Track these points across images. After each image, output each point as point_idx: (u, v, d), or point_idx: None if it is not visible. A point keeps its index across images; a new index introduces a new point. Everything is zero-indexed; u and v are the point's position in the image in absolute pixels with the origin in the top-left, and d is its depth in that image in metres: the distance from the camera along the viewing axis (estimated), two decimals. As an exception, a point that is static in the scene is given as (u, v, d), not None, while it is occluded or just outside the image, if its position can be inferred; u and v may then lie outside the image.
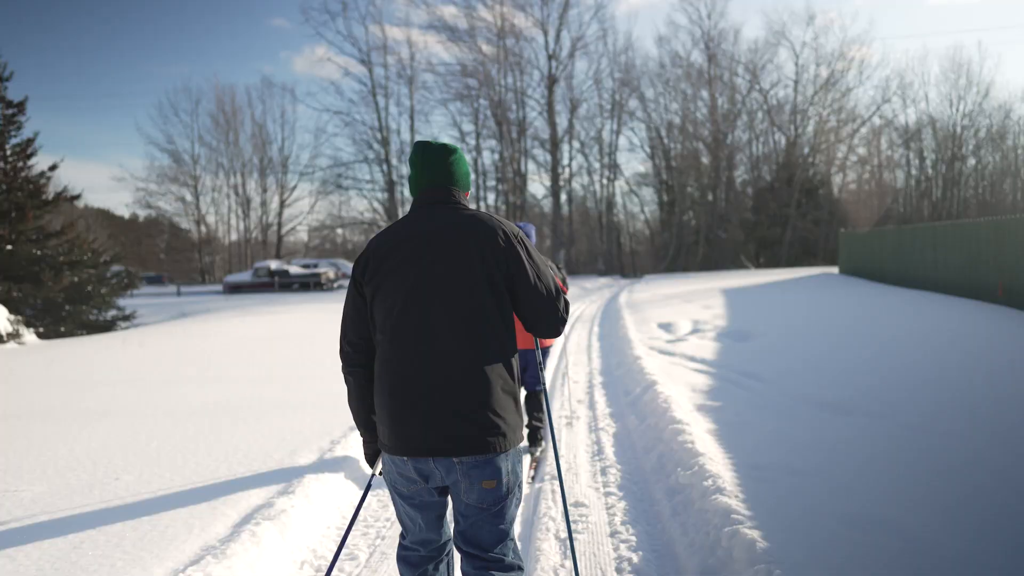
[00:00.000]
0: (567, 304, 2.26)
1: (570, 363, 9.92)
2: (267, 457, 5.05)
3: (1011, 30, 63.57)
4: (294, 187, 52.23)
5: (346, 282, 38.09)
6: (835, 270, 24.43)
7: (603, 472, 4.91)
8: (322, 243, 56.96)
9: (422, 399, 2.02)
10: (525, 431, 4.26)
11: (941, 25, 66.75)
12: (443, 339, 2.04)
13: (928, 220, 44.17)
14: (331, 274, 34.39)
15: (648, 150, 48.37)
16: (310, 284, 33.27)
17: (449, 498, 2.22)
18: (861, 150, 48.74)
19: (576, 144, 47.20)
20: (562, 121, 45.33)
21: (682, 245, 45.09)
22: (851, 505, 3.78)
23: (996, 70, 62.55)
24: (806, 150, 45.14)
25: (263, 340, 13.18)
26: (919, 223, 28.40)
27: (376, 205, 50.19)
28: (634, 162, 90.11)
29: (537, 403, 5.36)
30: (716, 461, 4.49)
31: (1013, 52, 63.12)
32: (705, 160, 46.00)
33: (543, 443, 5.42)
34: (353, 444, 5.31)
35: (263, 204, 52.06)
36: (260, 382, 8.37)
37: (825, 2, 64.17)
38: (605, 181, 49.25)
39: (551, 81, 43.57)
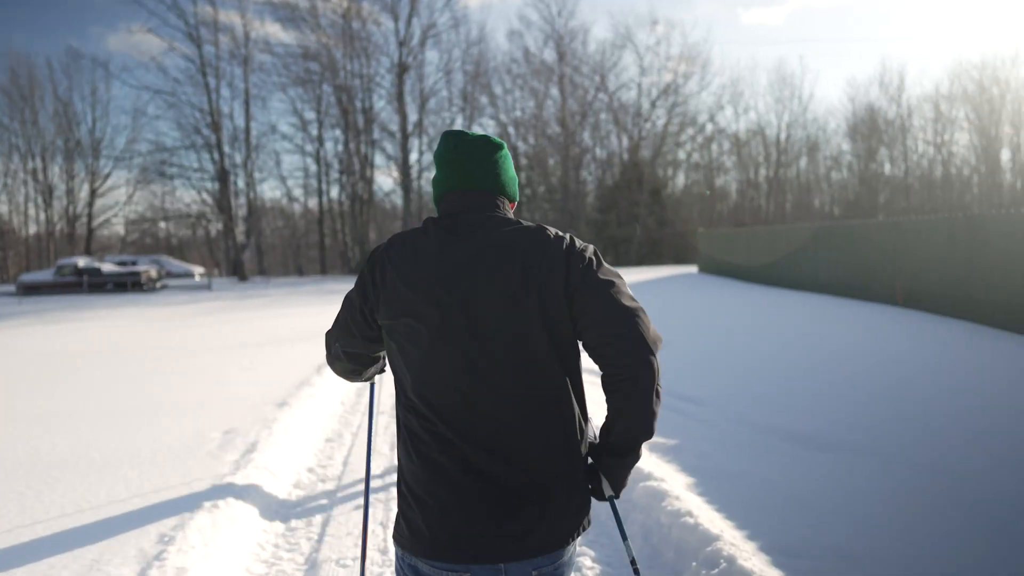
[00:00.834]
0: (656, 336, 1.52)
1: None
2: (50, 579, 3.15)
3: (812, 43, 69.72)
4: (108, 174, 46.14)
5: (172, 281, 34.04)
6: (693, 269, 24.68)
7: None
8: (142, 238, 51.10)
9: (485, 485, 1.47)
10: None
11: (752, 40, 71.64)
12: (498, 401, 1.49)
13: (754, 223, 46.99)
14: (153, 273, 30.31)
15: (498, 147, 47.60)
16: (127, 284, 29.10)
17: None
18: (696, 155, 51.20)
19: (426, 138, 45.56)
20: (412, 113, 43.48)
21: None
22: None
23: (815, 84, 68.38)
24: (648, 152, 46.53)
25: (63, 357, 10.51)
26: (801, 222, 29.61)
27: (206, 196, 45.64)
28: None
29: None
30: (740, 547, 3.22)
31: (828, 68, 69.23)
32: (553, 160, 46.08)
33: None
34: (196, 536, 3.51)
35: (69, 193, 45.58)
36: (53, 421, 6.15)
37: (668, 9, 66.73)
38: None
39: (402, 69, 41.45)
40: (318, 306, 19.29)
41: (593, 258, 1.56)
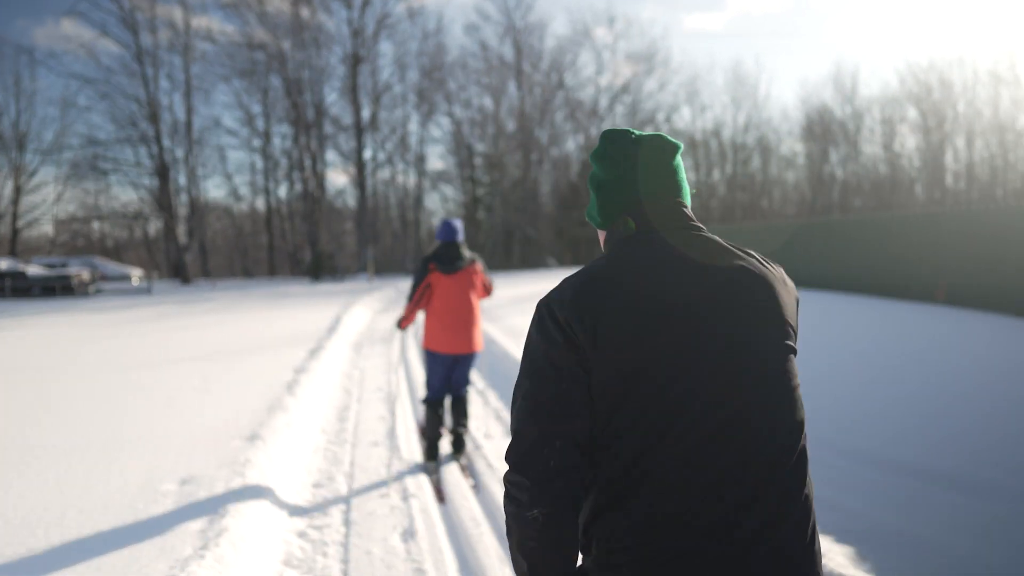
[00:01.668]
0: None
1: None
2: None
3: (753, 50, 70.38)
4: (35, 171, 43.06)
5: (108, 285, 31.59)
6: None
7: None
8: (74, 238, 47.87)
9: (750, 549, 1.18)
10: (450, 437, 5.05)
11: (695, 45, 71.72)
12: (769, 453, 1.22)
13: (714, 222, 46.79)
14: (85, 276, 27.94)
15: (454, 144, 46.32)
16: (56, 288, 26.74)
17: None
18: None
19: (381, 134, 43.81)
20: (366, 108, 41.65)
21: (496, 242, 43.59)
22: None
23: (771, 84, 68.89)
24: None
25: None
26: (800, 217, 29.15)
27: (143, 193, 42.86)
28: (439, 156, 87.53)
29: (463, 408, 5.07)
30: None
31: (776, 72, 69.83)
32: (512, 157, 44.93)
33: (466, 450, 5.13)
34: None
35: (-8, 190, 42.33)
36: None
37: (625, 6, 66.04)
38: (414, 176, 46.50)
39: (355, 60, 39.65)
40: (271, 311, 17.68)
41: None
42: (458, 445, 5.03)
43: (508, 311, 14.40)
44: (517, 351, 9.03)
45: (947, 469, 4.21)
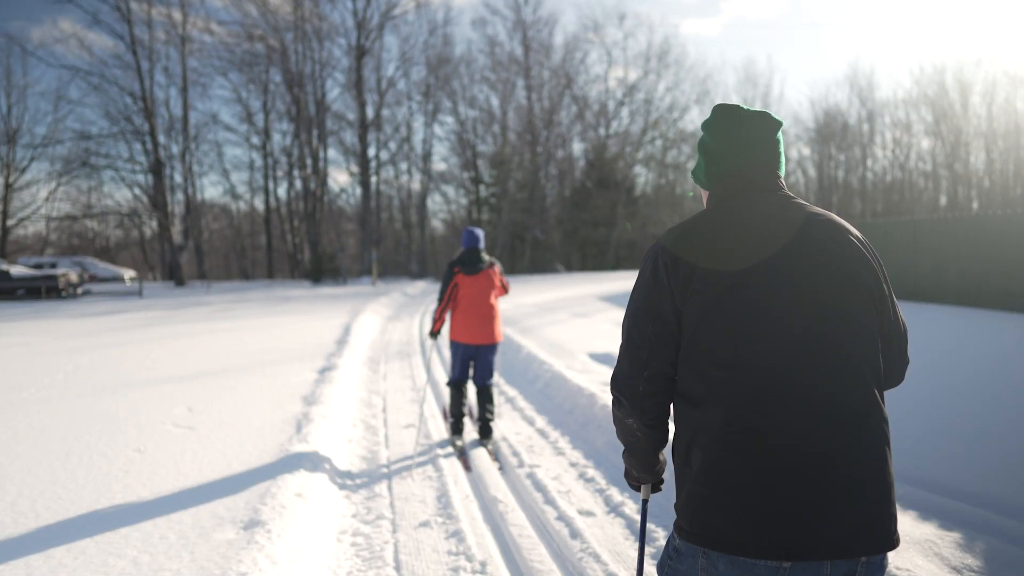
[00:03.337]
0: None
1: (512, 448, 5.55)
2: None
3: (750, 53, 68.88)
4: (25, 167, 41.32)
5: (97, 287, 29.92)
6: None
7: None
8: (68, 238, 46.17)
9: (828, 482, 1.36)
10: (477, 425, 5.59)
11: (694, 53, 70.16)
12: (844, 393, 1.41)
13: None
14: (73, 276, 26.22)
15: (458, 144, 44.64)
16: (42, 290, 25.03)
17: None
18: (666, 155, 49.17)
19: (386, 132, 42.11)
20: (372, 102, 39.94)
21: (504, 245, 41.94)
22: None
23: (784, 85, 67.41)
24: (615, 150, 44.25)
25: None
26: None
27: (138, 192, 41.14)
28: (444, 155, 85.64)
29: (488, 396, 5.54)
30: None
31: (780, 74, 68.33)
32: (520, 157, 43.28)
33: (492, 437, 5.53)
34: None
35: (-20, 187, 40.60)
36: None
37: (635, 3, 64.37)
38: (418, 177, 44.83)
39: (360, 52, 37.91)
40: (271, 317, 16.03)
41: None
42: (485, 431, 5.49)
43: (540, 321, 12.78)
44: (565, 371, 7.40)
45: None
